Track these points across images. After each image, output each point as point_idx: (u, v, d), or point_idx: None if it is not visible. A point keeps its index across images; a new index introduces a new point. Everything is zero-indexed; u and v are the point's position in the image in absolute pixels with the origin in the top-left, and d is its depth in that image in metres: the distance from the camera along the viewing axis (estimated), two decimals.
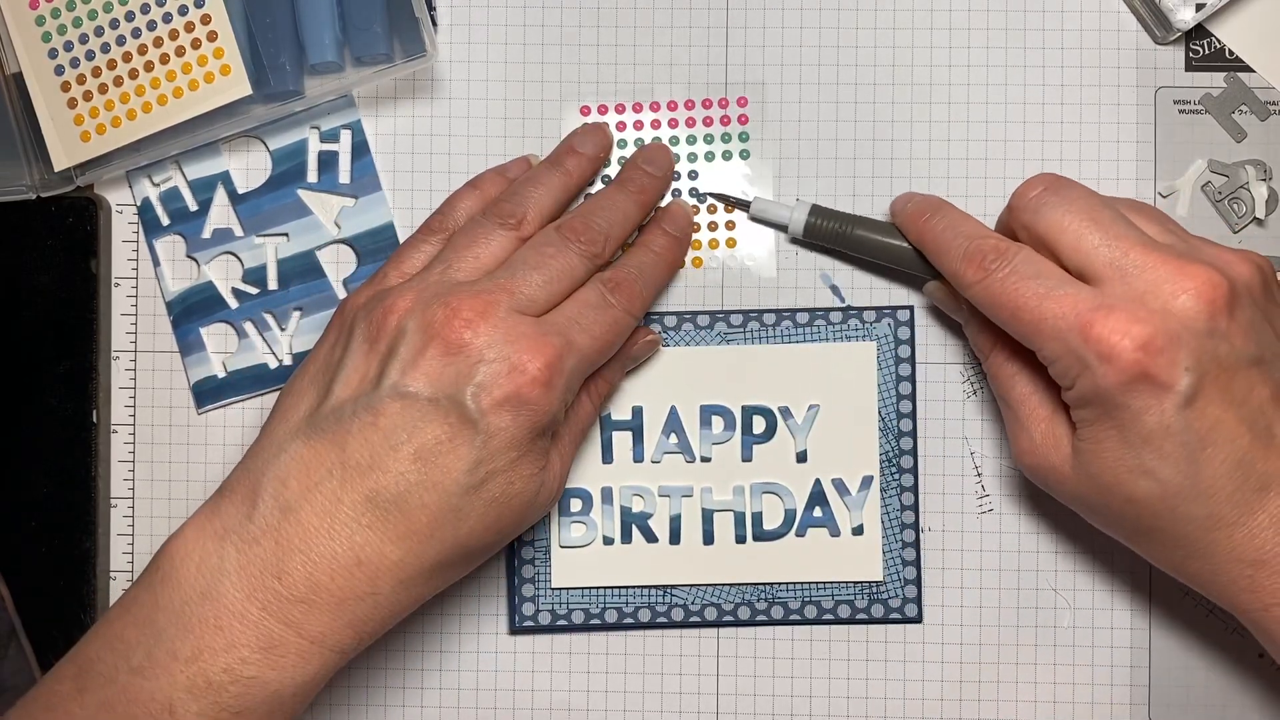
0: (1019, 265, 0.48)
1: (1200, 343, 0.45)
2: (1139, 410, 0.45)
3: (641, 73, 0.56)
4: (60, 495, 0.55)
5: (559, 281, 0.49)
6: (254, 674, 0.44)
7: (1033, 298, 0.47)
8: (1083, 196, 0.48)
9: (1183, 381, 0.45)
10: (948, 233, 0.50)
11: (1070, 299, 0.46)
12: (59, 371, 0.55)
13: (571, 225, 0.50)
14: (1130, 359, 0.45)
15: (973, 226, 0.50)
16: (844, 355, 0.55)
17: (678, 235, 0.54)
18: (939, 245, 0.51)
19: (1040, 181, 0.49)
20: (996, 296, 0.48)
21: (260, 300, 0.56)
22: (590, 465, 0.55)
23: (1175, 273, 0.46)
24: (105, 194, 0.56)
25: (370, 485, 0.45)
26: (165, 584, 0.45)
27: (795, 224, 0.54)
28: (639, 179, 0.53)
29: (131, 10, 0.53)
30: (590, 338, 0.48)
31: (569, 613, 0.55)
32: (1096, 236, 0.47)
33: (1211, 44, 0.55)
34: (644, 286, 0.51)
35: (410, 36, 0.53)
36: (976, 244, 0.49)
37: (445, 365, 0.46)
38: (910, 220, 0.52)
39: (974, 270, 0.48)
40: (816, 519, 0.55)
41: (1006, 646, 0.55)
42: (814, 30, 0.55)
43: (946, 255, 0.50)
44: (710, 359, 0.55)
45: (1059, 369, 0.47)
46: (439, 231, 0.52)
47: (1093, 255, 0.47)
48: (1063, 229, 0.48)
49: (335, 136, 0.56)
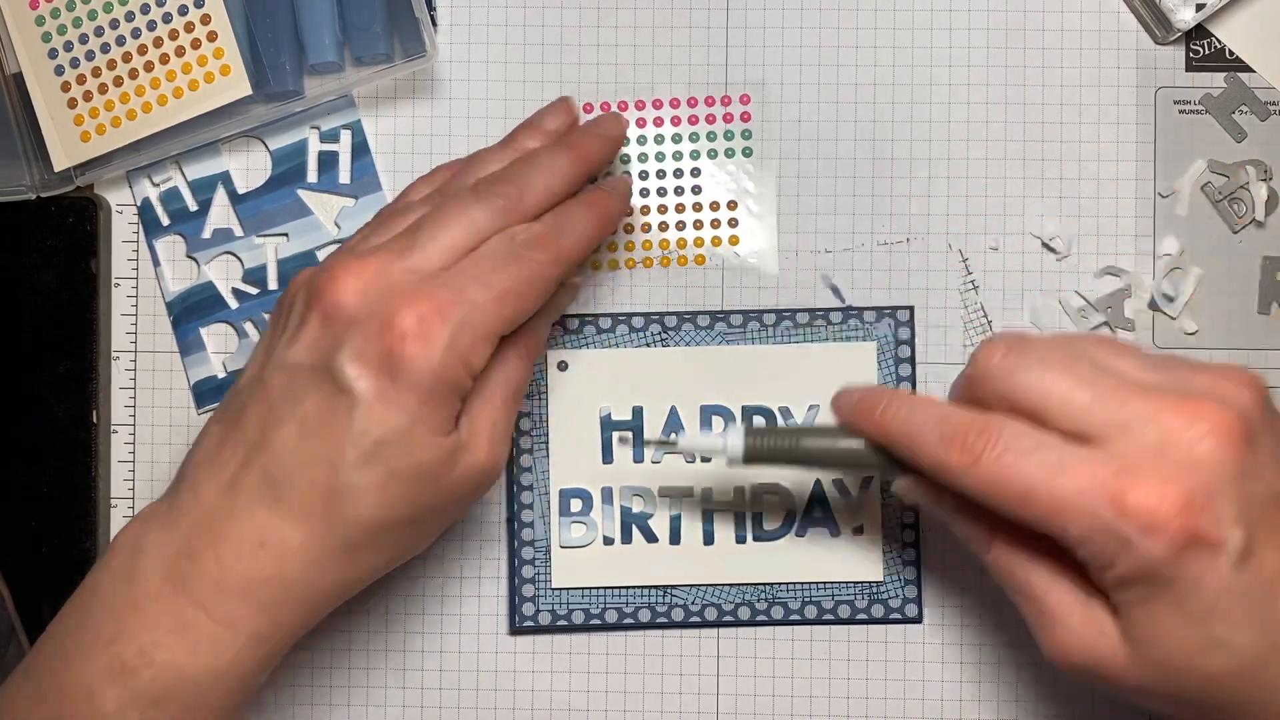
0: (1010, 440, 0.42)
1: (1237, 489, 0.40)
2: (1196, 578, 0.40)
3: (642, 72, 0.56)
4: (60, 495, 0.55)
5: (461, 237, 0.45)
6: (167, 657, 0.43)
7: (1041, 475, 0.41)
8: (1052, 351, 0.43)
9: (1234, 536, 0.40)
10: (913, 420, 0.44)
11: (1086, 469, 0.41)
12: (59, 371, 0.55)
13: (489, 178, 0.47)
14: (1177, 525, 0.40)
15: (939, 407, 0.44)
16: (844, 355, 0.55)
17: (613, 193, 0.50)
18: (906, 435, 0.44)
19: (999, 344, 0.44)
20: (996, 481, 0.42)
21: (260, 300, 0.56)
22: (590, 465, 0.55)
23: (1184, 416, 0.41)
24: (105, 194, 0.56)
25: (264, 463, 0.44)
26: (101, 569, 0.45)
27: (733, 451, 0.48)
28: (584, 139, 0.50)
29: (131, 10, 0.53)
30: (488, 289, 0.44)
31: (569, 613, 0.55)
32: (1086, 393, 0.42)
33: (1211, 44, 0.55)
34: (563, 236, 0.46)
35: (410, 36, 0.53)
36: (951, 424, 0.43)
37: (323, 331, 0.44)
38: (862, 416, 0.46)
39: (959, 454, 0.42)
40: (816, 519, 0.55)
41: (1006, 646, 0.55)
42: (814, 30, 0.55)
43: (917, 445, 0.44)
44: (710, 359, 0.55)
45: (1092, 549, 0.41)
46: (390, 221, 0.49)
47: (1088, 415, 0.42)
48: (1046, 392, 0.42)
49: (335, 136, 0.56)
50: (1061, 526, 0.41)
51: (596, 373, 0.55)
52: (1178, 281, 0.55)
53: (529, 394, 0.55)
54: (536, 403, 0.55)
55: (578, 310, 0.55)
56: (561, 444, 0.55)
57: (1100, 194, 0.55)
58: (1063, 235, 0.55)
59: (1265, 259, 0.55)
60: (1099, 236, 0.55)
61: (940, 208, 0.55)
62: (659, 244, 0.55)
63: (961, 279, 0.55)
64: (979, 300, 0.55)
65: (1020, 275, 0.55)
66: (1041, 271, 0.55)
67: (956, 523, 0.46)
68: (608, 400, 0.55)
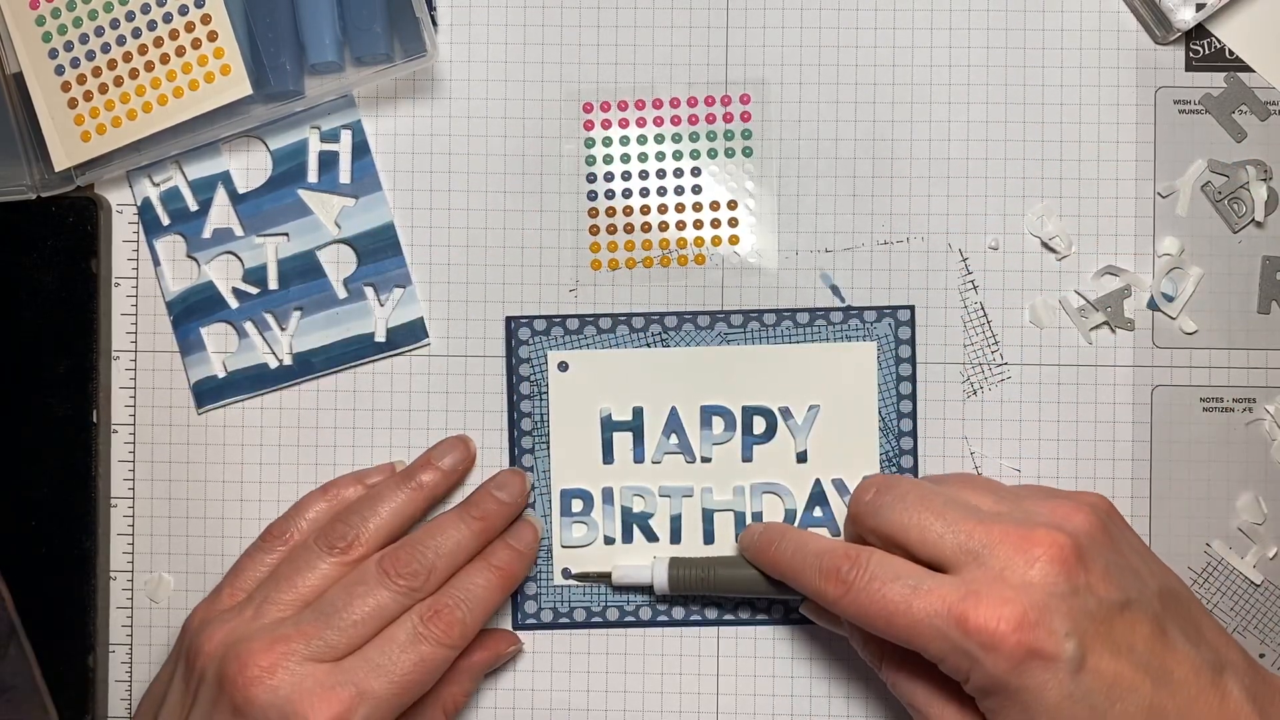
0: (875, 570, 0.47)
1: (1069, 604, 0.45)
2: (1038, 688, 0.44)
3: (642, 71, 0.56)
4: (60, 495, 0.55)
5: (367, 622, 0.49)
6: None
7: (900, 601, 0.46)
8: (913, 489, 0.49)
9: (1067, 647, 0.44)
10: (797, 556, 0.50)
11: (936, 593, 0.46)
12: (59, 371, 0.55)
13: (395, 557, 0.50)
14: (1013, 641, 0.44)
15: (819, 543, 0.50)
16: (844, 355, 0.55)
17: (522, 550, 0.53)
18: (793, 570, 0.50)
19: (871, 485, 0.50)
20: (864, 607, 0.47)
21: (260, 300, 0.56)
22: (591, 466, 0.55)
23: (1020, 543, 0.46)
24: (105, 194, 0.56)
25: None
26: None
27: (659, 581, 0.53)
28: (485, 505, 0.53)
29: (131, 10, 0.53)
30: (389, 680, 0.48)
31: (570, 610, 0.55)
32: (938, 525, 0.47)
33: (1211, 44, 0.55)
34: (468, 612, 0.50)
35: (410, 36, 0.53)
36: (827, 559, 0.48)
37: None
38: (759, 554, 0.52)
39: (834, 586, 0.48)
40: (817, 519, 0.55)
41: None
42: (814, 30, 0.55)
43: (802, 578, 0.49)
44: (710, 359, 0.55)
45: (949, 666, 0.46)
46: (280, 541, 0.52)
47: (940, 545, 0.47)
48: (905, 526, 0.48)
49: (335, 136, 0.56)
50: (921, 645, 0.46)
51: (597, 373, 0.55)
52: (1177, 281, 0.55)
53: (529, 394, 0.55)
54: (537, 403, 0.55)
55: (577, 311, 0.55)
56: (562, 444, 0.55)
57: (1100, 194, 0.55)
58: (1063, 235, 0.55)
59: (1265, 259, 0.55)
60: (1099, 236, 0.55)
61: (940, 208, 0.55)
62: (659, 244, 0.55)
63: (961, 279, 0.55)
64: (979, 300, 0.55)
65: (1020, 275, 0.55)
66: (1041, 271, 0.55)
67: (855, 643, 0.51)
68: (608, 401, 0.55)
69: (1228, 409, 0.55)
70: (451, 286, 0.56)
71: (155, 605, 0.56)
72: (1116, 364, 0.55)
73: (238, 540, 0.55)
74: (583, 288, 0.55)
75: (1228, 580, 0.55)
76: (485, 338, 0.55)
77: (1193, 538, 0.55)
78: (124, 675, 0.56)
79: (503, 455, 0.55)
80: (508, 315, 0.55)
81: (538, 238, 0.56)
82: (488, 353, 0.55)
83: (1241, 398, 0.55)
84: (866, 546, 0.49)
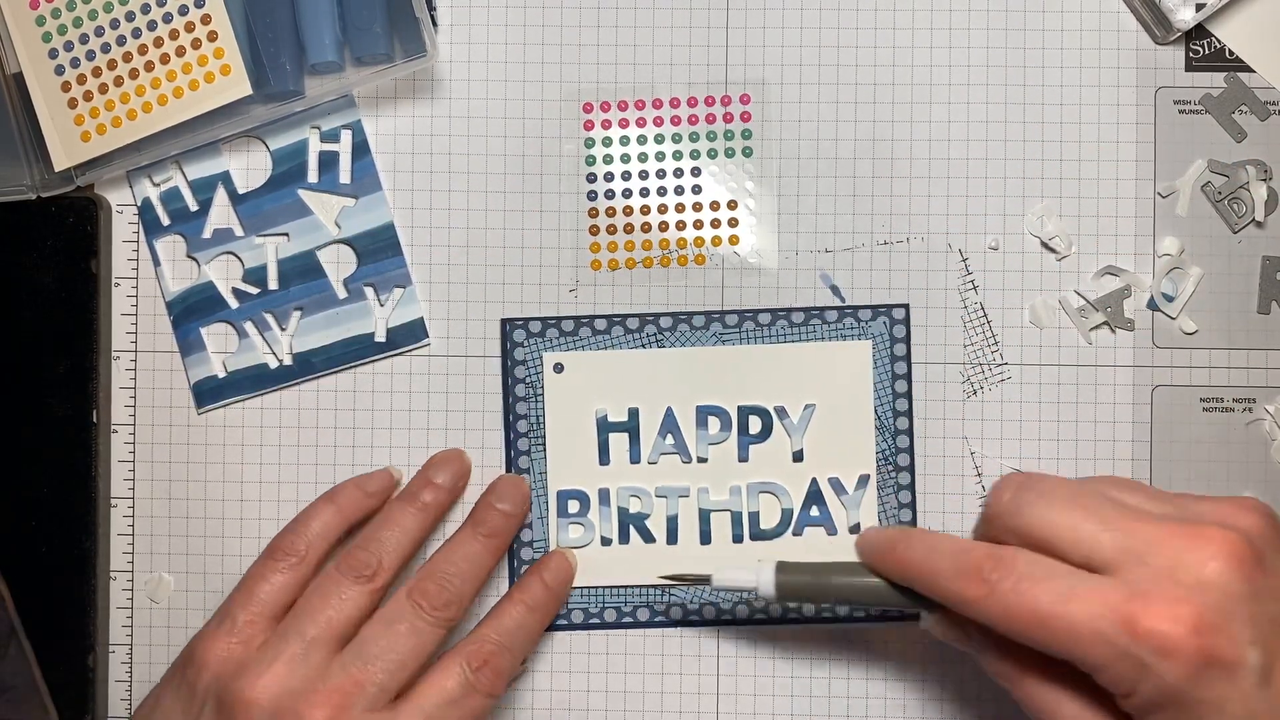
0: (1024, 570, 0.42)
1: (1250, 609, 0.40)
2: (1217, 702, 0.40)
3: (642, 71, 0.56)
4: (60, 495, 0.55)
5: (413, 661, 0.49)
6: None
7: (1055, 603, 0.41)
8: (1060, 486, 0.44)
9: (1250, 656, 0.40)
10: (931, 556, 0.45)
11: (1098, 594, 0.41)
12: (59, 371, 0.55)
13: (424, 589, 0.50)
14: (1191, 646, 0.40)
15: (955, 543, 0.45)
16: (840, 354, 0.55)
17: (556, 590, 0.53)
18: (925, 572, 0.45)
19: (1010, 482, 0.45)
20: (1012, 610, 0.42)
21: (261, 300, 0.56)
22: (587, 467, 0.55)
23: (1191, 541, 0.41)
24: (105, 194, 0.56)
25: None
26: None
27: (764, 586, 0.50)
28: (491, 520, 0.53)
29: (131, 10, 0.53)
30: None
31: (568, 612, 0.55)
32: (1093, 524, 0.42)
33: (1211, 44, 0.55)
34: (511, 658, 0.50)
35: (410, 36, 0.53)
36: (966, 557, 0.44)
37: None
38: (883, 557, 0.47)
39: (975, 586, 0.43)
40: (813, 518, 0.55)
41: None
42: (814, 30, 0.55)
43: (936, 580, 0.44)
44: (706, 359, 0.55)
45: (1111, 676, 0.41)
46: (290, 555, 0.51)
47: (1096, 544, 0.42)
48: (1055, 524, 0.43)
49: (335, 136, 0.56)
50: (1080, 653, 0.41)
51: (592, 374, 0.55)
52: (1177, 281, 0.55)
53: (525, 396, 0.55)
54: (533, 405, 0.55)
55: (572, 313, 0.55)
56: (558, 446, 0.55)
57: (1100, 194, 0.55)
58: (1063, 235, 0.55)
59: (1265, 259, 0.55)
60: (1099, 236, 0.55)
61: (940, 208, 0.55)
62: (659, 244, 0.55)
63: (961, 279, 0.55)
64: (979, 300, 0.55)
65: (1020, 275, 0.55)
66: (1041, 271, 0.55)
67: (986, 659, 0.46)
68: (604, 402, 0.55)
69: (1228, 409, 0.55)
70: (451, 287, 0.56)
71: (155, 605, 0.56)
72: (1116, 364, 0.55)
73: (238, 540, 0.55)
74: (583, 288, 0.55)
75: None
76: (485, 338, 0.55)
77: None
78: (124, 675, 0.56)
79: (500, 457, 0.55)
80: (502, 317, 0.55)
81: (538, 238, 0.56)
82: (488, 353, 0.55)
83: (1241, 398, 0.55)
84: (1010, 546, 0.44)
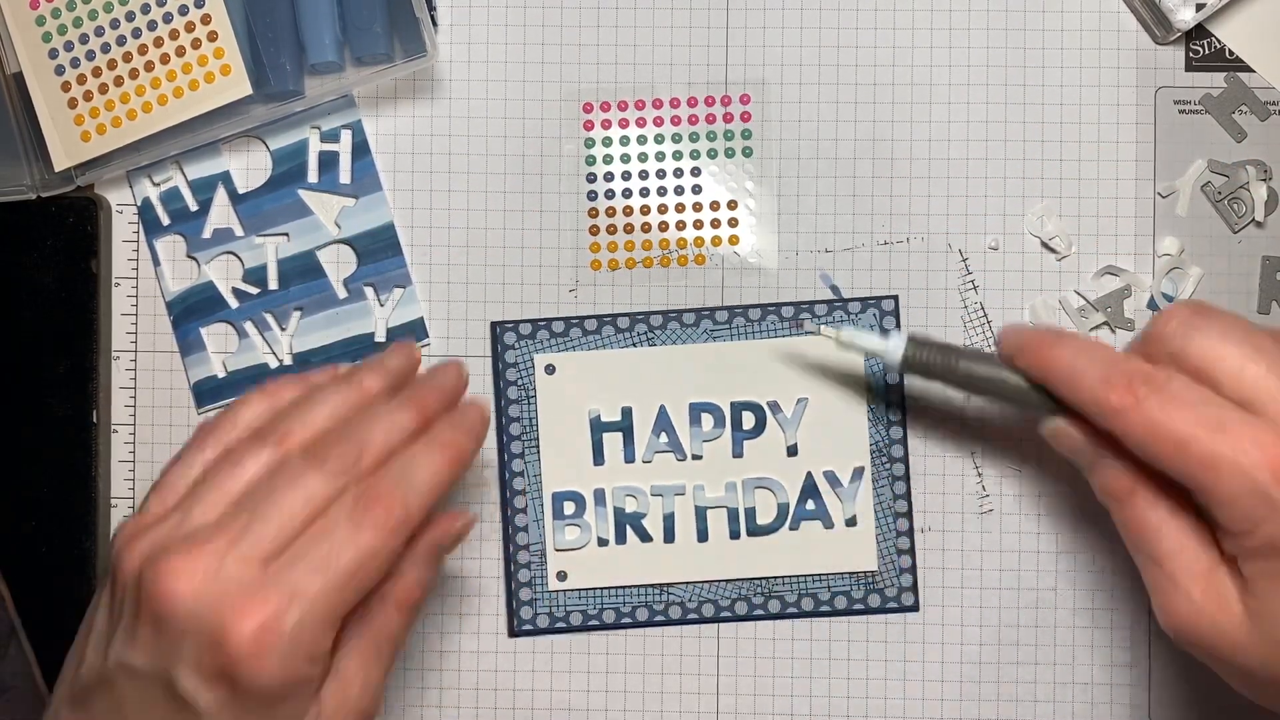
0: (1177, 391, 0.42)
1: None
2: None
3: (642, 72, 0.56)
4: (60, 495, 0.55)
5: (297, 515, 0.42)
6: None
7: (1202, 430, 0.41)
8: (1236, 322, 0.43)
9: None
10: (1080, 358, 0.44)
11: (1250, 432, 0.40)
12: (59, 371, 0.55)
13: (324, 443, 0.44)
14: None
15: (1106, 350, 0.44)
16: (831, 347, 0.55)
17: (467, 429, 0.47)
18: (1071, 373, 0.44)
19: (1183, 307, 0.44)
20: (1156, 426, 0.41)
21: (260, 300, 0.56)
22: (582, 467, 0.55)
23: None
24: (105, 194, 0.56)
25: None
26: None
27: (893, 353, 0.49)
28: (420, 392, 0.47)
29: (131, 10, 0.53)
30: (325, 577, 0.42)
31: (567, 614, 0.55)
32: (1262, 365, 0.42)
33: (1211, 44, 0.55)
34: (409, 491, 0.43)
35: (410, 36, 0.53)
36: (1121, 368, 0.43)
37: (157, 638, 0.41)
38: (1031, 352, 0.46)
39: (1121, 396, 0.42)
40: (809, 512, 0.55)
41: (1006, 646, 0.55)
42: (814, 30, 0.55)
43: (1081, 382, 0.44)
44: (697, 356, 0.55)
45: (1235, 512, 0.41)
46: (214, 444, 0.46)
47: (1259, 385, 0.41)
48: (1221, 356, 0.42)
49: (335, 136, 0.56)
50: (1211, 482, 0.41)
51: (584, 375, 0.55)
52: (1177, 281, 0.55)
53: (519, 398, 0.55)
54: (526, 407, 0.55)
55: (565, 313, 0.55)
56: (552, 447, 0.55)
57: (1100, 194, 0.55)
58: (1063, 235, 0.55)
59: (1265, 259, 0.55)
60: (1099, 236, 0.55)
61: (940, 208, 0.55)
62: (659, 244, 0.55)
63: (961, 279, 0.55)
64: (979, 300, 0.55)
65: (1020, 275, 0.55)
66: (1041, 271, 0.55)
67: (1098, 471, 0.45)
68: (596, 402, 0.55)
69: None
70: (451, 286, 0.56)
71: None
72: None
73: None
74: (583, 288, 0.55)
75: None
76: (485, 338, 0.55)
77: None
78: None
79: (494, 459, 0.55)
80: (492, 320, 0.55)
81: (538, 238, 0.56)
82: (488, 353, 0.55)
83: None
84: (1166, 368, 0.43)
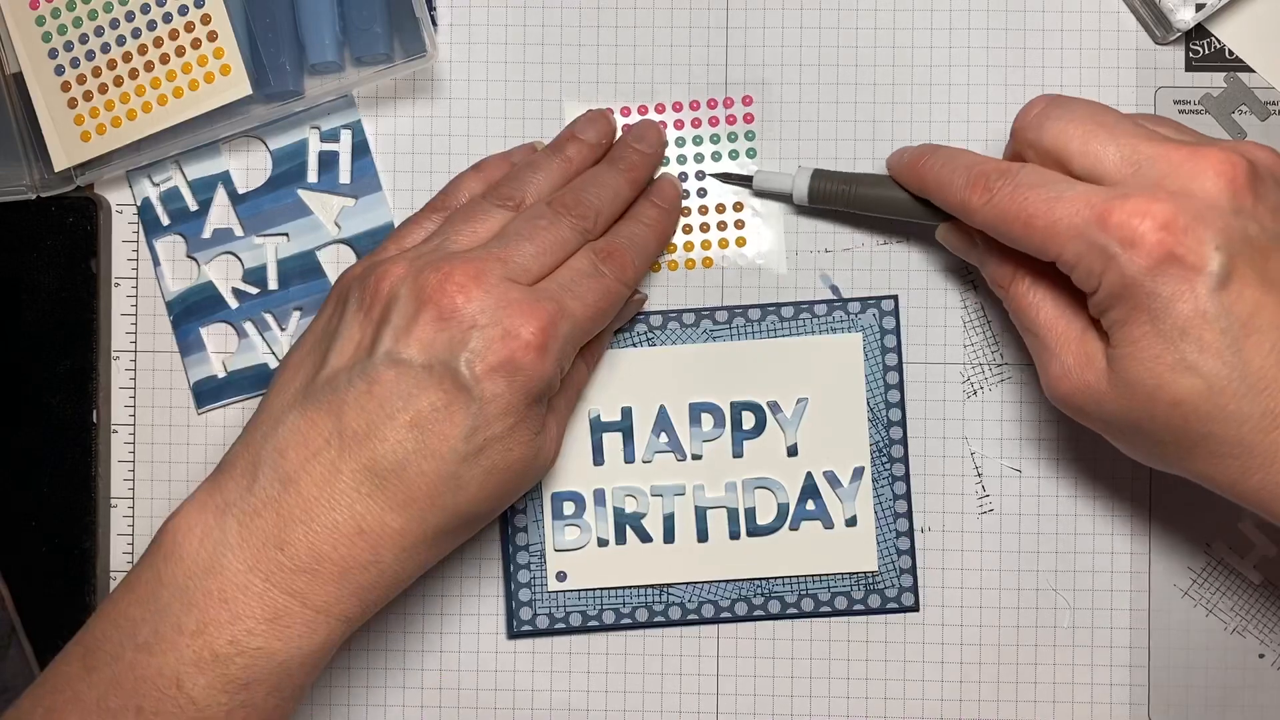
0: (1024, 178, 0.46)
1: (1226, 221, 0.43)
2: (1171, 297, 0.43)
3: (642, 73, 0.56)
4: (60, 495, 0.55)
5: (551, 252, 0.49)
6: (260, 645, 0.44)
7: (1043, 204, 0.45)
8: (1087, 106, 0.47)
9: (1213, 261, 0.42)
10: (946, 168, 0.49)
11: (1083, 196, 0.44)
12: (59, 371, 0.55)
13: (563, 200, 0.50)
14: (1154, 239, 0.42)
15: (972, 157, 0.49)
16: (830, 347, 0.55)
17: (667, 208, 0.54)
18: (940, 182, 0.49)
19: (1041, 99, 0.48)
20: (1005, 211, 0.46)
21: (260, 300, 0.56)
22: (582, 468, 0.55)
23: (1190, 157, 0.44)
24: (105, 194, 0.56)
25: (368, 454, 0.45)
26: (168, 560, 0.45)
27: (799, 190, 0.54)
28: (630, 156, 0.53)
29: (131, 10, 0.53)
30: (583, 304, 0.48)
31: (566, 615, 0.55)
32: (1103, 137, 0.45)
33: (1211, 44, 0.55)
34: (635, 255, 0.51)
35: (410, 36, 0.53)
36: (978, 169, 0.48)
37: (438, 331, 0.46)
38: (909, 170, 0.51)
39: (979, 193, 0.47)
40: (809, 512, 0.55)
41: (1006, 647, 0.55)
42: (814, 30, 0.55)
43: (949, 189, 0.49)
44: (697, 356, 0.55)
45: (1082, 270, 0.45)
46: (440, 210, 0.52)
47: (1102, 156, 0.45)
48: (1069, 137, 0.46)
49: (335, 136, 0.56)
50: (1056, 248, 0.45)
51: None
52: None
53: None
54: None
55: None
56: None
57: None
58: None
59: None
60: None
61: None
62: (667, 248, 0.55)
63: (961, 279, 0.55)
64: (979, 300, 0.55)
65: None
66: None
67: (987, 267, 0.50)
68: (596, 402, 0.55)
69: None
70: None
71: None
72: None
73: None
74: None
75: (1228, 580, 0.55)
76: None
77: (1193, 538, 0.55)
78: None
79: None
80: None
81: None
82: None
83: None
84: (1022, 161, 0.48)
